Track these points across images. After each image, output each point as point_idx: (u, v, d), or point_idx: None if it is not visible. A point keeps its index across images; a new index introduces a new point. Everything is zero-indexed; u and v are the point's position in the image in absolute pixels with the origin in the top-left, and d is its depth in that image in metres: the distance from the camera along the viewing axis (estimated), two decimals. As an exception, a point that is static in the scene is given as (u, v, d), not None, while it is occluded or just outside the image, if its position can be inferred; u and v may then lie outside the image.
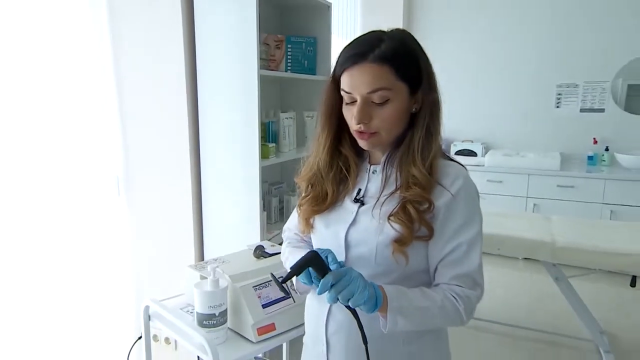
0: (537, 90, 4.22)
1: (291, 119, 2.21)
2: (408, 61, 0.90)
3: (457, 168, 0.95)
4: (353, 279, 0.84)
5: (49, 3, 1.66)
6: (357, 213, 0.96)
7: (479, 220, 0.93)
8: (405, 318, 0.88)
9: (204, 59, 1.83)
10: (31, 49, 1.62)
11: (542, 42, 4.14)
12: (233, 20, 1.74)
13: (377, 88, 0.87)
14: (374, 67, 0.87)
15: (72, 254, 1.85)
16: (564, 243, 2.35)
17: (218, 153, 1.87)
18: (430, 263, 0.95)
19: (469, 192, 0.93)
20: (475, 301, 0.93)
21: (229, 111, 1.82)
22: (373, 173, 0.99)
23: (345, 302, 0.83)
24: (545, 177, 3.81)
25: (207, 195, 1.92)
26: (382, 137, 0.93)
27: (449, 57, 4.42)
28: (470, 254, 0.91)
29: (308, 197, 1.03)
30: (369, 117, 0.90)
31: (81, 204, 1.87)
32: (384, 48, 0.87)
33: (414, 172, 0.91)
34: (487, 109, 4.43)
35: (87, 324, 1.92)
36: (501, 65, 4.32)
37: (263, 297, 1.33)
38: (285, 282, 0.86)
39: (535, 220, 2.82)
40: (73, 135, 1.81)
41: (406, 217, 0.88)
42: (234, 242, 1.88)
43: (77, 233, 1.86)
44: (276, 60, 2.19)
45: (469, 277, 0.92)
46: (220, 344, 1.25)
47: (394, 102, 0.89)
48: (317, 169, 1.02)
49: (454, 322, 0.92)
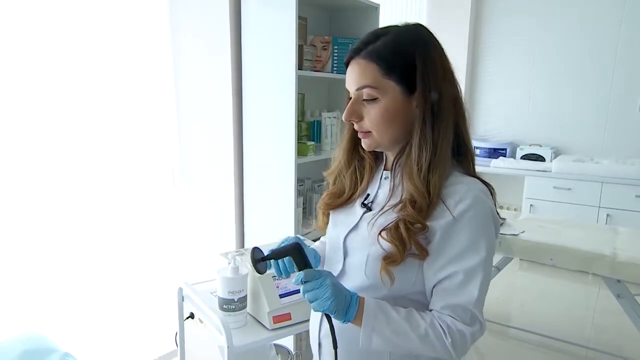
0: (619, 92, 3.86)
1: (335, 118, 2.26)
2: (399, 60, 0.83)
3: (467, 186, 0.84)
4: (322, 285, 0.82)
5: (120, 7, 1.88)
6: (360, 218, 0.93)
7: (486, 248, 0.82)
8: (380, 338, 0.83)
9: (248, 61, 1.95)
10: (97, 50, 1.85)
11: (627, 39, 3.78)
12: (276, 23, 1.83)
13: (362, 85, 0.84)
14: (361, 64, 0.84)
15: (130, 238, 2.07)
16: (626, 257, 2.16)
17: (258, 149, 1.98)
18: (425, 286, 0.88)
19: (476, 215, 0.82)
20: (470, 338, 0.83)
21: (269, 110, 1.92)
22: (385, 179, 0.95)
23: (309, 302, 0.83)
24: (622, 185, 3.48)
25: (248, 188, 2.04)
26: (375, 138, 0.88)
27: (519, 55, 4.20)
28: (468, 285, 0.82)
29: (329, 192, 1.03)
30: (357, 115, 0.87)
31: (141, 193, 2.09)
32: (377, 45, 0.83)
33: (409, 188, 0.85)
34: (560, 112, 4.13)
35: (140, 304, 2.15)
36: (578, 64, 4.00)
37: (281, 287, 1.39)
38: (260, 262, 0.88)
39: (600, 231, 2.61)
40: (137, 130, 2.03)
41: (397, 236, 0.82)
42: (272, 234, 1.98)
43: (136, 219, 2.08)
44: (322, 61, 2.26)
45: (465, 309, 0.83)
46: (238, 328, 1.33)
47: (382, 101, 0.84)
48: (338, 165, 1.01)
49: (439, 354, 0.84)
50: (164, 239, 2.23)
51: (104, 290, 1.98)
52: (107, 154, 1.93)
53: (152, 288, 2.18)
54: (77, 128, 1.80)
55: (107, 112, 1.90)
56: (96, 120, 1.86)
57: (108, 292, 2.00)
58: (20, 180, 1.67)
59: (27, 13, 1.60)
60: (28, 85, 1.65)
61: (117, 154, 1.96)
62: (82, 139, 1.83)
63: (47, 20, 1.66)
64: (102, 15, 1.83)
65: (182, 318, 1.57)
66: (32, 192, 1.71)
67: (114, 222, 1.99)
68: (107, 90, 1.89)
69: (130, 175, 2.04)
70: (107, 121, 1.90)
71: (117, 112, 1.94)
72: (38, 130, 1.70)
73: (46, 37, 1.67)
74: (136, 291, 2.11)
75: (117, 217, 2.00)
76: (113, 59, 1.89)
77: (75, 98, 1.79)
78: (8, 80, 1.60)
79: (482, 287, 0.83)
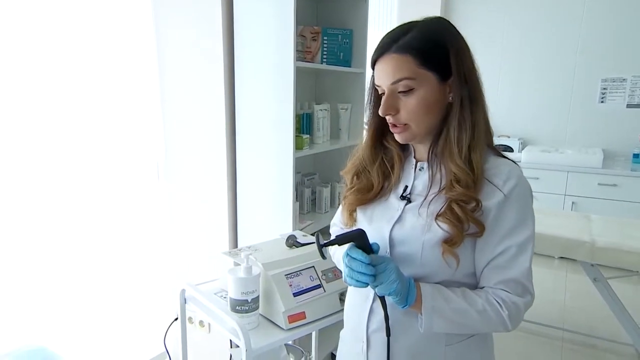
0: (580, 84, 4.07)
1: (325, 110, 2.22)
2: (433, 48, 0.87)
3: (509, 166, 0.90)
4: (387, 269, 0.85)
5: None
6: (403, 210, 0.94)
7: (532, 223, 0.89)
8: (441, 319, 0.87)
9: (241, 50, 1.87)
10: (80, 42, 1.71)
11: (588, 33, 3.99)
12: (271, 12, 1.76)
13: (399, 78, 0.87)
14: (395, 57, 0.87)
15: (114, 236, 1.95)
16: (603, 243, 2.28)
17: (253, 143, 1.91)
18: (476, 265, 0.92)
19: (523, 192, 0.88)
20: (523, 308, 0.89)
21: (264, 102, 1.85)
22: (420, 170, 0.97)
23: (373, 287, 0.87)
24: (585, 174, 3.69)
25: (242, 183, 1.97)
26: (413, 129, 0.91)
27: (486, 48, 4.32)
28: (520, 258, 0.87)
29: (353, 189, 1.03)
30: (394, 108, 0.89)
31: (124, 188, 1.97)
32: (408, 38, 0.86)
33: (452, 168, 0.88)
34: (525, 104, 4.31)
35: (127, 304, 2.03)
36: (542, 57, 4.19)
37: (294, 286, 1.35)
38: (325, 247, 0.89)
39: (574, 219, 2.73)
40: (119, 123, 1.91)
41: (454, 216, 0.85)
42: (266, 230, 1.92)
43: (120, 215, 1.96)
44: (312, 52, 2.21)
45: (517, 282, 0.88)
46: (252, 330, 1.28)
47: (419, 91, 0.87)
48: (362, 160, 1.02)
49: (497, 328, 0.89)
50: (151, 237, 2.11)
51: (88, 290, 1.86)
52: (90, 149, 1.80)
53: (140, 288, 2.07)
54: (57, 121, 1.67)
55: (89, 104, 1.77)
56: (77, 113, 1.73)
57: (93, 292, 1.88)
58: (5, 180, 1.53)
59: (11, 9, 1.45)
60: (12, 81, 1.51)
61: (100, 148, 1.83)
62: (63, 133, 1.70)
63: (26, 14, 1.52)
64: (85, 6, 1.69)
65: (185, 320, 1.50)
66: (17, 192, 1.58)
67: (100, 221, 1.87)
68: (89, 81, 1.76)
69: (114, 169, 1.91)
70: (89, 113, 1.77)
71: (98, 102, 1.81)
72: (21, 127, 1.56)
73: (26, 31, 1.53)
74: (123, 291, 2.00)
75: (102, 215, 1.88)
76: (96, 49, 1.76)
77: (55, 90, 1.65)
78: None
79: (531, 259, 0.89)
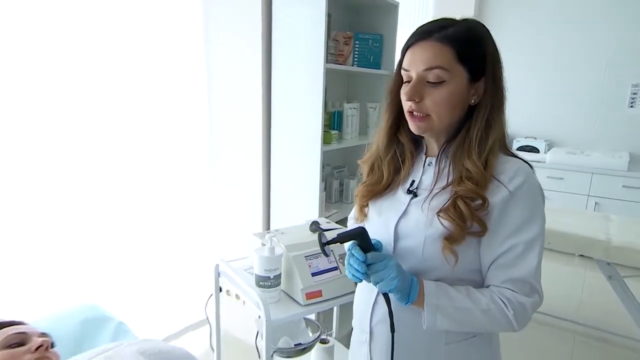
0: (611, 88, 4.09)
1: (355, 109, 2.40)
2: (472, 47, 0.86)
3: (517, 164, 0.88)
4: (388, 266, 0.86)
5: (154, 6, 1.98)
6: (408, 204, 0.94)
7: (541, 222, 0.86)
8: (444, 317, 0.86)
9: (278, 52, 2.07)
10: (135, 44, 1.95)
11: (620, 39, 4.00)
12: (305, 19, 1.95)
13: (434, 66, 0.85)
14: (435, 45, 0.85)
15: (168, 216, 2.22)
16: (619, 242, 2.37)
17: (286, 137, 2.12)
18: (482, 263, 0.90)
19: (530, 190, 0.86)
20: (530, 308, 0.86)
21: (297, 100, 2.05)
22: (429, 165, 0.97)
23: (374, 284, 0.87)
24: (610, 177, 3.74)
25: (275, 173, 2.18)
26: (434, 121, 0.88)
27: (516, 50, 4.37)
28: (527, 256, 0.85)
29: (366, 183, 1.03)
30: (420, 95, 0.87)
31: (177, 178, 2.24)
32: (451, 30, 0.86)
33: (467, 166, 0.86)
34: (553, 107, 4.36)
35: (178, 276, 2.31)
36: (572, 61, 4.22)
37: (313, 267, 1.46)
38: (327, 245, 0.92)
39: (593, 218, 2.82)
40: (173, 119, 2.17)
41: (457, 213, 0.84)
42: (296, 216, 2.13)
43: (173, 203, 2.23)
44: (344, 55, 2.39)
45: (524, 282, 0.85)
46: (273, 303, 1.41)
47: (449, 85, 0.85)
48: (377, 151, 1.02)
49: (503, 327, 0.87)
50: (198, 220, 2.37)
51: (142, 261, 2.13)
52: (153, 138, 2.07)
53: (186, 263, 2.33)
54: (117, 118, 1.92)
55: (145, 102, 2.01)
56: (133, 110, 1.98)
57: (147, 267, 2.15)
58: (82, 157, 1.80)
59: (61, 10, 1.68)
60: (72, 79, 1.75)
61: (154, 140, 2.08)
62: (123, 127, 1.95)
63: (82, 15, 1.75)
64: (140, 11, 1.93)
65: (218, 291, 1.65)
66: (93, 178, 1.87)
67: (156, 201, 2.14)
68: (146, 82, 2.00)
69: (170, 158, 2.17)
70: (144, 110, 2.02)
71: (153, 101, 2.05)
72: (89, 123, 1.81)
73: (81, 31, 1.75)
74: (171, 266, 2.26)
75: (158, 197, 2.15)
76: (150, 52, 2.00)
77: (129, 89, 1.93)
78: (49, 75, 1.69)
79: (539, 258, 0.86)
